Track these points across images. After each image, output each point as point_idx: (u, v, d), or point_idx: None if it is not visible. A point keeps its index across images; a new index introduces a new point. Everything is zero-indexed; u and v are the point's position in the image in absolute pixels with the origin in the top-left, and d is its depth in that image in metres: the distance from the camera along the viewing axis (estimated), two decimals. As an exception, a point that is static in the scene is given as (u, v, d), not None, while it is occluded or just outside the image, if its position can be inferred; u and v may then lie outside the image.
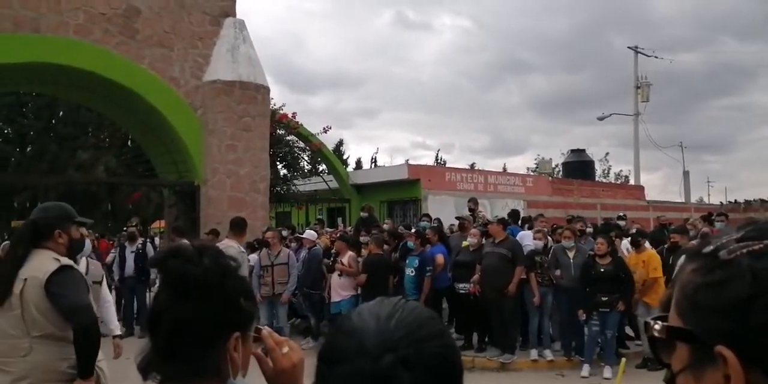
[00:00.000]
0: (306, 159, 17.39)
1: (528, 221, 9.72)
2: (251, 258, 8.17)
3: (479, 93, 78.35)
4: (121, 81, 10.77)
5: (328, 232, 10.64)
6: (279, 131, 14.19)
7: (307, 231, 9.32)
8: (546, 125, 74.29)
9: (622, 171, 40.41)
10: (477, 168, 26.38)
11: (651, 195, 23.99)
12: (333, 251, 8.52)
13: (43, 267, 2.64)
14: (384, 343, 0.71)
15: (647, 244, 7.73)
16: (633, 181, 28.05)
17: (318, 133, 15.19)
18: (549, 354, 7.35)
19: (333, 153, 18.14)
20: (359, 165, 34.96)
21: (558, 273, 7.28)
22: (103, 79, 10.71)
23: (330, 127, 15.57)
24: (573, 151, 24.73)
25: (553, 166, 30.21)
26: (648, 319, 0.69)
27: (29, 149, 23.45)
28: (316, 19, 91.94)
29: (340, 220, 15.51)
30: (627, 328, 7.98)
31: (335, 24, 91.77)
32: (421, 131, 78.53)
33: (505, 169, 32.04)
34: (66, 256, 2.79)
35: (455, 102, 77.54)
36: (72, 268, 2.73)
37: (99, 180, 19.44)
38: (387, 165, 25.78)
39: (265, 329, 1.21)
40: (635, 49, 26.67)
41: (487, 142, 73.53)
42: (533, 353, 7.32)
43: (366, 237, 8.85)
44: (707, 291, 0.61)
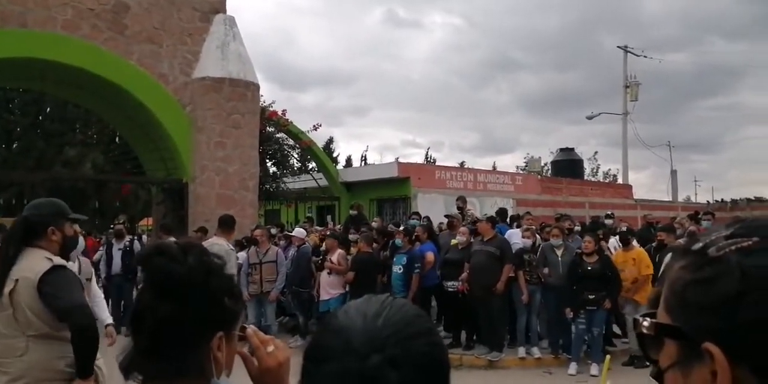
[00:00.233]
0: (296, 156, 17.36)
1: (516, 219, 9.76)
2: (240, 256, 8.14)
3: (469, 91, 78.52)
4: (110, 77, 10.69)
5: (318, 230, 10.61)
6: (269, 128, 14.12)
7: (297, 229, 9.30)
8: (535, 124, 74.67)
9: (610, 170, 40.58)
10: (467, 166, 26.46)
11: (639, 194, 24.16)
12: (322, 249, 8.51)
13: (35, 267, 2.56)
14: (371, 342, 0.71)
15: (635, 242, 7.79)
16: (621, 180, 28.21)
17: (308, 131, 15.16)
18: (537, 352, 7.38)
19: (323, 151, 18.09)
20: (349, 163, 34.97)
21: (546, 271, 7.31)
22: (92, 75, 10.62)
23: (320, 125, 15.52)
24: (562, 150, 24.83)
25: (543, 164, 30.35)
26: (637, 316, 0.69)
27: (15, 145, 23.22)
28: (306, 16, 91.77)
29: (329, 217, 15.48)
30: (614, 326, 8.05)
31: (326, 21, 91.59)
32: (412, 129, 78.69)
33: (495, 168, 32.15)
34: (59, 254, 2.71)
35: (445, 100, 77.64)
36: (64, 267, 2.66)
37: (86, 177, 19.27)
38: (377, 163, 25.75)
39: (250, 328, 1.20)
40: (625, 49, 26.80)
41: (477, 140, 73.76)
42: (521, 351, 7.35)
43: (355, 235, 8.85)
44: (696, 288, 0.61)
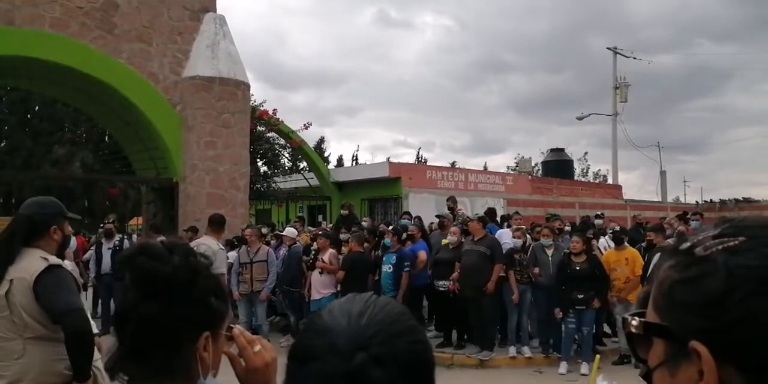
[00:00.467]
0: (286, 156, 17.29)
1: (507, 219, 9.79)
2: (230, 255, 8.11)
3: (461, 92, 78.74)
4: (99, 76, 10.60)
5: (310, 231, 10.56)
6: (259, 128, 14.06)
7: (288, 228, 9.29)
8: (526, 125, 75.05)
9: (600, 170, 40.96)
10: (458, 166, 26.49)
11: (628, 194, 24.28)
12: (313, 249, 8.49)
13: (30, 267, 2.50)
14: (355, 341, 0.71)
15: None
16: (611, 181, 28.37)
17: (299, 130, 15.11)
18: (527, 351, 7.40)
19: (314, 150, 18.05)
20: (340, 163, 34.99)
21: (537, 271, 7.34)
22: (80, 74, 10.53)
23: (311, 124, 15.45)
24: (552, 151, 24.93)
25: (533, 165, 30.47)
26: (626, 315, 0.69)
27: (3, 144, 23.04)
28: (297, 16, 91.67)
29: (321, 217, 15.45)
30: (605, 325, 8.08)
31: (317, 21, 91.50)
32: (403, 129, 78.78)
33: (486, 168, 32.29)
34: (56, 253, 2.66)
35: (437, 100, 77.89)
36: (60, 266, 2.59)
37: (76, 176, 19.13)
38: (368, 163, 25.75)
39: (237, 328, 1.19)
40: (614, 50, 26.93)
41: (468, 140, 74.03)
42: (512, 350, 7.36)
43: (346, 234, 8.83)
44: (683, 287, 0.61)
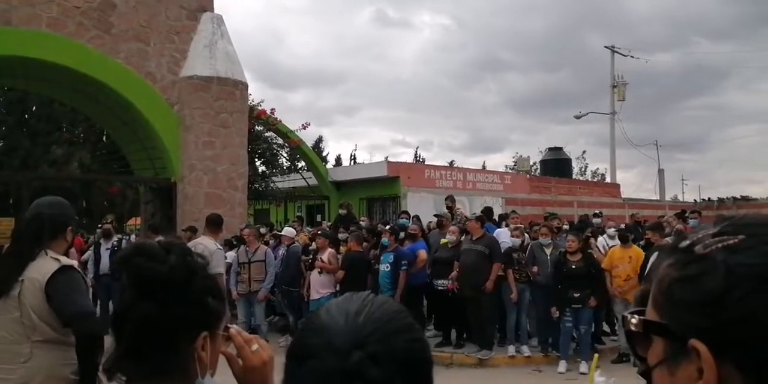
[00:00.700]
0: (285, 156, 17.27)
1: (505, 218, 9.80)
2: (229, 255, 8.11)
3: (459, 91, 78.65)
4: (96, 76, 10.58)
5: (309, 231, 10.55)
6: (257, 128, 14.04)
7: (286, 228, 9.28)
8: (524, 123, 75.09)
9: (598, 169, 40.98)
10: (456, 165, 26.52)
11: (627, 193, 24.34)
12: (311, 248, 8.49)
13: (43, 268, 2.46)
14: (353, 340, 0.71)
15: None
16: (609, 179, 28.43)
17: (297, 130, 15.08)
18: (526, 350, 7.41)
19: (312, 150, 18.04)
20: (338, 162, 34.96)
21: (535, 269, 7.34)
22: (78, 74, 10.51)
23: (309, 124, 15.41)
24: (551, 149, 24.98)
25: (531, 163, 30.50)
26: (625, 313, 0.69)
27: (1, 144, 22.95)
28: (295, 15, 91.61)
29: (319, 216, 15.44)
30: (603, 324, 8.09)
31: (315, 20, 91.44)
32: (401, 129, 78.71)
33: (484, 167, 32.29)
34: (64, 253, 2.64)
35: (435, 99, 77.82)
36: (73, 268, 2.56)
37: (73, 176, 19.09)
38: (366, 162, 25.74)
39: (234, 327, 1.19)
40: (612, 49, 26.99)
41: (467, 139, 74.02)
42: (511, 349, 7.37)
43: (344, 234, 8.83)
44: (682, 285, 0.61)
